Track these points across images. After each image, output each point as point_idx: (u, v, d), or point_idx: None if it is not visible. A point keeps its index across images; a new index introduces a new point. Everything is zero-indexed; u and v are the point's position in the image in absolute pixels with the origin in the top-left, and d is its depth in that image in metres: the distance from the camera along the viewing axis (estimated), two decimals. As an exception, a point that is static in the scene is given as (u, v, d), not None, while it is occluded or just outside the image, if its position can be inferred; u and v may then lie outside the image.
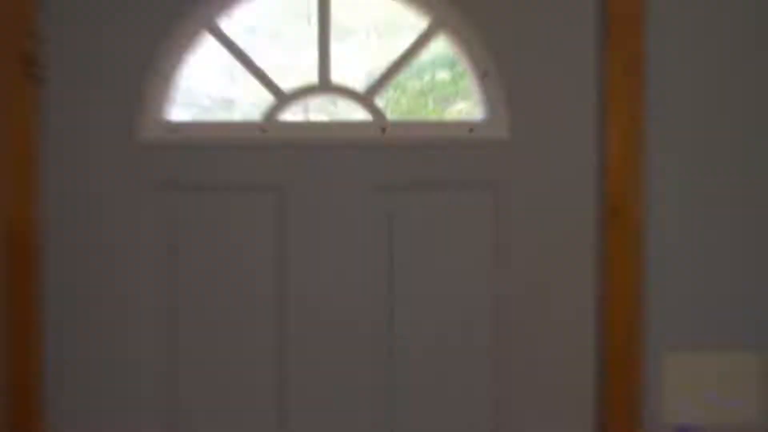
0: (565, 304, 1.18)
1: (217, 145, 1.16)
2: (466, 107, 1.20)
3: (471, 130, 1.15)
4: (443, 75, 1.19)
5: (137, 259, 1.17)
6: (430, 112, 1.23)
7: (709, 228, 1.16)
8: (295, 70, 1.20)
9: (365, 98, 1.16)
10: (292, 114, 1.18)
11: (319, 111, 1.23)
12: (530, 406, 1.19)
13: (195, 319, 1.19)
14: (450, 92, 1.20)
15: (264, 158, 1.16)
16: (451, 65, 1.18)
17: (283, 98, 1.16)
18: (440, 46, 1.18)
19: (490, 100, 1.14)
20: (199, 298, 1.18)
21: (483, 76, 1.13)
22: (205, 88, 1.21)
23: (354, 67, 1.20)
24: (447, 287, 1.19)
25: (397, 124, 1.19)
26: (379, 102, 1.17)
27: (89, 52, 1.15)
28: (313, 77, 1.16)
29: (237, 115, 1.22)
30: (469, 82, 1.18)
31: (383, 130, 1.16)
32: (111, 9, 1.14)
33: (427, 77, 1.20)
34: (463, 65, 1.17)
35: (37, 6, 1.10)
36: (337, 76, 1.16)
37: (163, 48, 1.13)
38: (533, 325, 1.18)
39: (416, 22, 1.15)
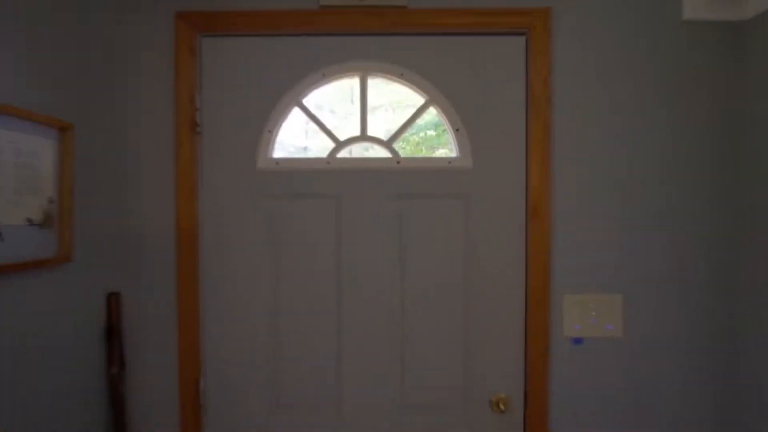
0: (507, 268, 1.48)
1: (300, 171, 1.48)
2: (446, 150, 1.50)
3: (449, 162, 1.48)
4: (431, 132, 1.49)
5: (254, 241, 1.48)
6: (424, 153, 1.52)
7: (590, 222, 1.46)
8: (345, 128, 1.49)
9: (387, 144, 1.49)
10: (344, 153, 1.49)
11: (360, 152, 1.49)
12: (487, 327, 1.48)
13: (288, 274, 1.48)
14: (436, 142, 1.49)
15: (328, 179, 1.48)
16: (436, 126, 1.49)
17: (338, 144, 1.49)
18: (432, 114, 1.49)
19: (460, 145, 1.47)
20: (290, 260, 1.48)
21: (456, 131, 1.47)
22: (292, 140, 1.50)
23: (380, 126, 1.49)
24: (436, 256, 1.48)
25: (406, 159, 1.48)
26: (395, 146, 1.49)
27: (229, 117, 1.47)
28: (356, 131, 1.49)
29: (311, 155, 1.51)
30: (448, 136, 1.50)
31: (398, 162, 1.48)
32: (241, 92, 1.47)
33: (422, 134, 1.49)
34: (444, 125, 1.49)
35: (198, 90, 1.46)
36: (370, 131, 1.49)
37: (271, 116, 1.47)
38: (488, 280, 1.48)
39: (417, 100, 1.48)
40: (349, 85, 1.51)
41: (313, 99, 1.51)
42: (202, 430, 1.49)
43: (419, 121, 1.49)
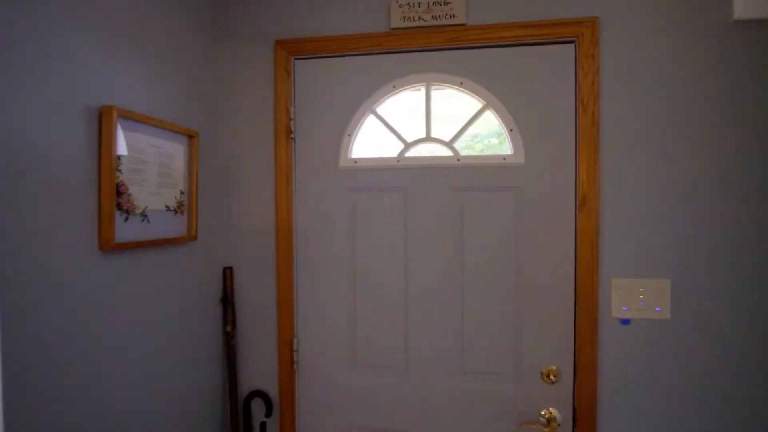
0: (557, 252, 1.47)
1: (375, 168, 1.56)
2: (503, 150, 1.52)
3: (504, 159, 1.49)
4: (495, 140, 1.50)
5: (336, 227, 1.59)
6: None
7: (637, 211, 1.42)
8: (412, 131, 1.56)
9: (449, 143, 1.54)
10: (411, 153, 1.56)
11: (425, 151, 1.55)
12: (538, 306, 1.47)
13: (364, 255, 1.57)
14: (498, 149, 1.50)
15: (397, 175, 1.55)
16: (499, 135, 1.50)
17: (407, 144, 1.56)
18: (494, 124, 1.50)
19: (514, 143, 1.49)
20: (365, 243, 1.57)
21: (510, 131, 1.49)
22: (368, 142, 1.58)
23: (442, 129, 1.54)
24: (491, 240, 1.50)
25: (465, 157, 1.51)
26: (456, 145, 1.53)
27: (316, 124, 1.58)
28: (422, 134, 1.55)
29: (383, 155, 1.57)
30: (504, 136, 1.51)
31: (458, 160, 1.52)
32: (326, 103, 1.58)
33: (486, 141, 1.51)
34: (500, 127, 1.51)
35: (292, 103, 1.59)
36: (434, 134, 1.54)
37: (350, 123, 1.57)
38: (538, 263, 1.47)
39: (475, 105, 1.52)
40: (416, 93, 1.57)
41: (385, 107, 1.59)
42: (295, 380, 1.63)
43: (483, 131, 1.51)
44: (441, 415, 1.55)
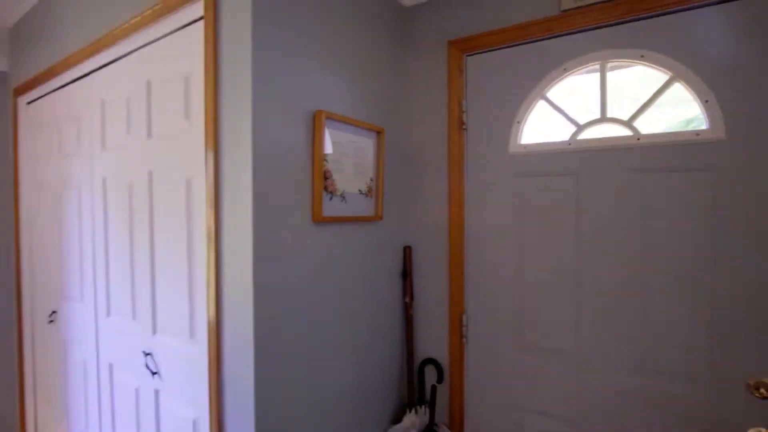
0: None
1: (545, 153, 1.58)
2: (695, 125, 1.37)
3: (697, 135, 1.35)
4: (693, 123, 1.36)
5: (505, 210, 1.66)
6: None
7: None
8: (584, 113, 1.52)
9: (628, 123, 1.45)
10: (584, 135, 1.52)
11: (599, 133, 1.50)
12: (741, 305, 1.28)
13: (532, 238, 1.60)
14: (684, 124, 1.38)
15: (569, 158, 1.54)
16: (697, 121, 1.36)
17: (579, 127, 1.53)
18: (677, 90, 1.38)
19: (710, 116, 1.33)
20: (533, 227, 1.60)
21: (705, 103, 1.34)
22: (538, 126, 1.61)
23: (618, 109, 1.47)
24: (679, 227, 1.37)
25: (647, 135, 1.41)
26: (636, 124, 1.44)
27: (486, 114, 1.69)
28: (596, 115, 1.50)
29: (554, 138, 1.58)
30: (697, 109, 1.36)
31: (638, 139, 1.43)
32: (496, 93, 1.65)
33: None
34: (693, 98, 1.36)
35: (464, 97, 1.73)
36: (610, 113, 1.48)
37: (519, 110, 1.63)
38: (742, 254, 1.28)
39: (659, 78, 1.41)
40: (587, 74, 1.54)
41: (555, 91, 1.59)
42: (464, 352, 1.77)
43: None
44: (611, 410, 1.48)
